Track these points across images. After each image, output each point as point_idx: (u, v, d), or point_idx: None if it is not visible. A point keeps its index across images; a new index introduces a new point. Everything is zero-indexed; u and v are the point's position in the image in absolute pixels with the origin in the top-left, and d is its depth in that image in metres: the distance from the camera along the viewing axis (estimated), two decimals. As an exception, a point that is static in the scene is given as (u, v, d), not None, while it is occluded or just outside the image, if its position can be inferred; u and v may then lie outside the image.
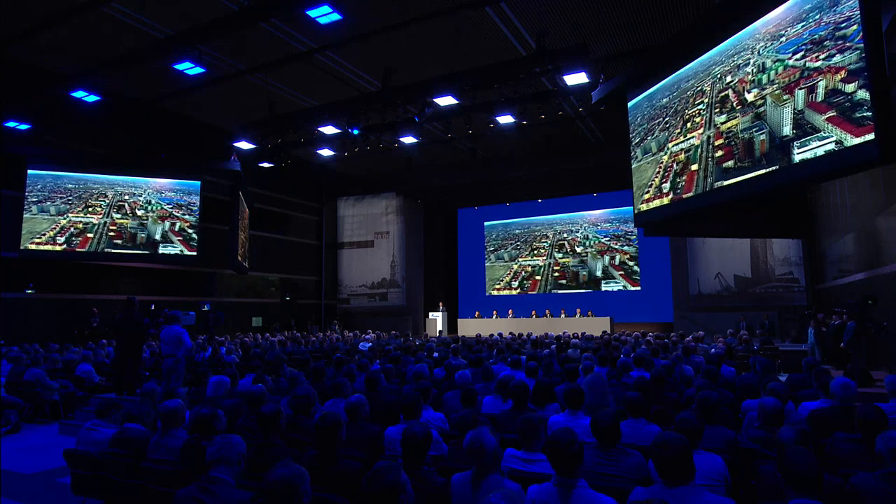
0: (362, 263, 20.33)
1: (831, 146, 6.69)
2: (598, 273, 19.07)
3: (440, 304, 18.71)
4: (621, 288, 18.57)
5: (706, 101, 8.55)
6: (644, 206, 9.73)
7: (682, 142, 9.12)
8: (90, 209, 13.27)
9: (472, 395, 4.12)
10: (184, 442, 3.17)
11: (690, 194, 8.99)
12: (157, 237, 13.88)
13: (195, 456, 2.84)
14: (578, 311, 17.26)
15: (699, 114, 8.71)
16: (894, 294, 7.56)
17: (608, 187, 18.10)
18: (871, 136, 5.63)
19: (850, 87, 6.29)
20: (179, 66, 9.57)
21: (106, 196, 13.57)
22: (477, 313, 18.86)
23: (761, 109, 7.60)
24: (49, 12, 9.06)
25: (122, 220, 13.54)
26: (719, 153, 8.44)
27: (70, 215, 12.94)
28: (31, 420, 7.47)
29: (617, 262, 18.87)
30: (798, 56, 6.95)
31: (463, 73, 10.16)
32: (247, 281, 17.39)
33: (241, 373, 6.25)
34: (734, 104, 8.06)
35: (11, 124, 11.45)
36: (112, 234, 13.35)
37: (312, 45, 10.46)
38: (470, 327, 17.50)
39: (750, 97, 7.78)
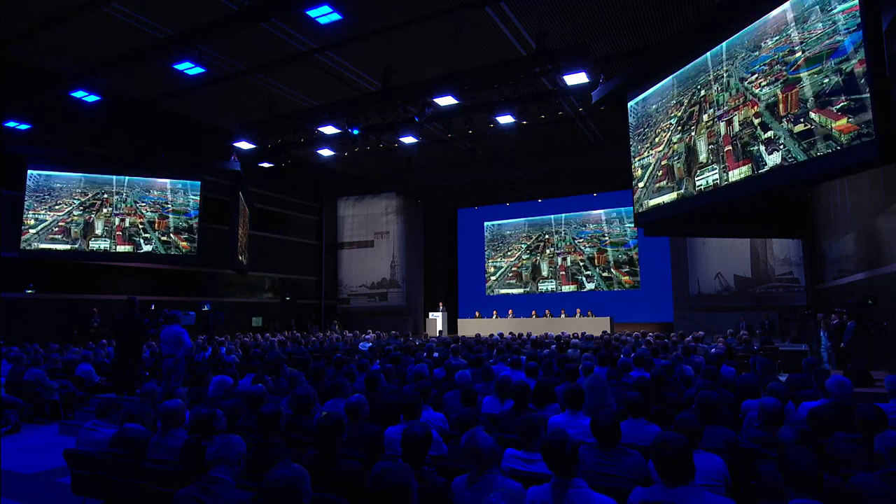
0: (362, 263, 20.32)
1: (716, 176, 7.00)
2: (544, 273, 19.83)
3: (440, 304, 18.72)
4: (553, 289, 19.51)
5: (678, 115, 8.59)
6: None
7: (645, 157, 9.25)
8: (56, 207, 13.03)
9: (472, 395, 4.12)
10: (184, 442, 3.16)
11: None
12: (98, 231, 13.46)
13: (195, 456, 2.84)
14: (578, 311, 17.26)
15: (667, 128, 8.84)
16: (894, 294, 7.56)
17: (608, 187, 18.11)
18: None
19: (756, 121, 6.53)
20: (179, 66, 9.57)
21: (86, 194, 13.40)
22: (477, 313, 18.86)
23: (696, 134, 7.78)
24: (49, 12, 9.06)
25: (76, 217, 13.24)
26: (660, 173, 8.62)
27: (31, 213, 12.69)
28: (31, 420, 7.46)
29: (568, 263, 19.46)
30: (752, 78, 6.94)
31: (463, 73, 10.16)
32: (247, 281, 17.39)
33: (241, 373, 6.25)
34: (692, 123, 8.14)
35: (11, 124, 11.45)
36: (56, 229, 12.98)
37: (312, 45, 10.46)
38: (470, 327, 17.50)
39: (705, 117, 7.81)
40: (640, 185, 9.15)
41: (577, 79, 9.64)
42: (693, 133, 7.96)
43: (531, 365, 5.67)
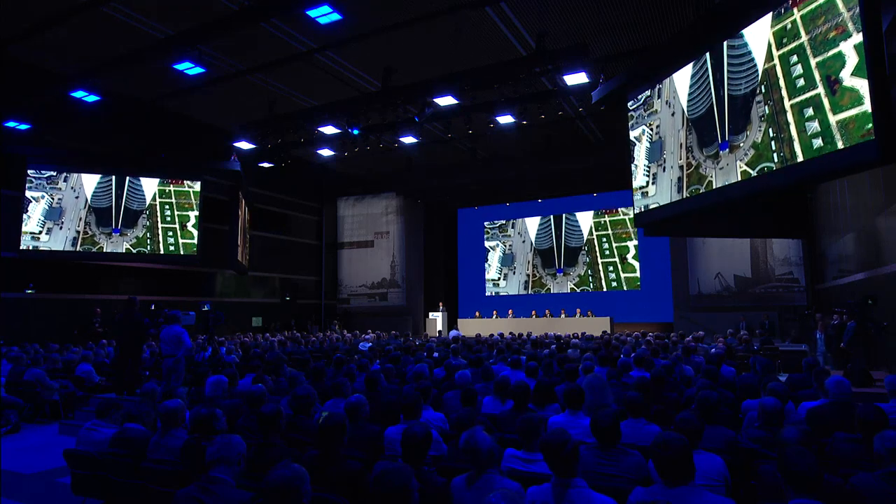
0: (362, 263, 20.32)
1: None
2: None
3: (440, 304, 18.71)
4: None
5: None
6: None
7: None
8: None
9: (472, 395, 4.12)
10: (184, 442, 3.17)
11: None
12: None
13: (195, 456, 2.84)
14: (578, 311, 17.25)
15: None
16: (894, 294, 7.56)
17: (608, 187, 18.12)
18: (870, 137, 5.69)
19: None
20: (179, 66, 9.56)
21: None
22: (477, 313, 18.86)
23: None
24: (49, 12, 9.06)
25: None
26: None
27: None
28: (31, 420, 7.46)
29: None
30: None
31: (463, 73, 10.15)
32: (247, 281, 17.39)
33: (241, 373, 6.25)
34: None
35: (11, 124, 11.43)
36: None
37: (312, 45, 10.45)
38: (470, 327, 17.49)
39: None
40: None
41: (577, 79, 9.63)
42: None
43: (531, 365, 5.67)
